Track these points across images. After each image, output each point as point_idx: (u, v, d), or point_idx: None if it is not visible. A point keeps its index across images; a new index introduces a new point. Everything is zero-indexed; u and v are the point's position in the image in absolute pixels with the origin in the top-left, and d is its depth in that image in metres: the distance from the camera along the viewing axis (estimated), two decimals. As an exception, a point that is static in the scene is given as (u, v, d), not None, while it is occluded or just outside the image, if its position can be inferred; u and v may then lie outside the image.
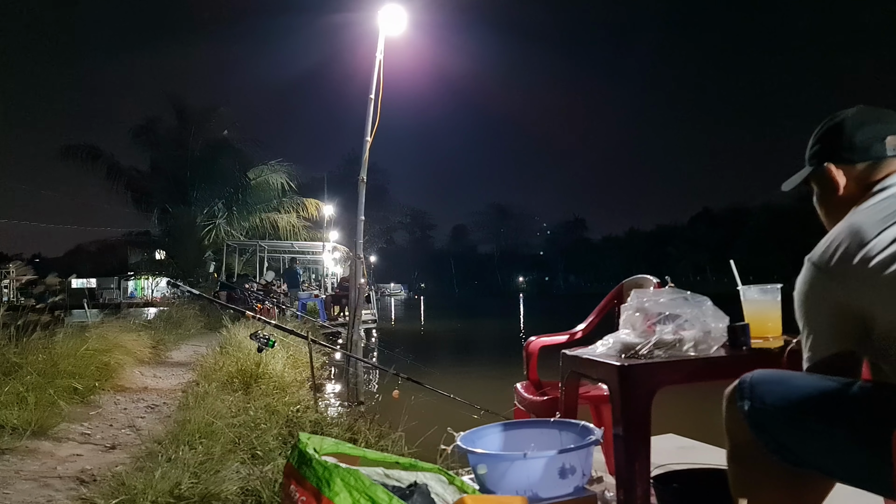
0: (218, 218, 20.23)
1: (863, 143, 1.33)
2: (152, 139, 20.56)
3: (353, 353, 5.92)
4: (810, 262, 1.24)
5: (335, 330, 11.40)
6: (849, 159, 1.35)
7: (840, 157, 1.36)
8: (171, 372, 6.64)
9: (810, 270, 1.23)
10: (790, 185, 1.50)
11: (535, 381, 2.84)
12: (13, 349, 4.72)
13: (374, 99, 6.03)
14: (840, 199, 1.35)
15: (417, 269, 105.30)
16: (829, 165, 1.37)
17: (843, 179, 1.35)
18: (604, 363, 1.70)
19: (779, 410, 1.16)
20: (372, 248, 48.04)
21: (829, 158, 1.37)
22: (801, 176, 1.46)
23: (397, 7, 6.08)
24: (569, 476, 1.75)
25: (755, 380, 1.22)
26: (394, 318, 32.83)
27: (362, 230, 6.32)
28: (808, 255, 1.25)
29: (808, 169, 1.44)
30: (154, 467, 2.64)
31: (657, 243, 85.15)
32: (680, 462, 2.27)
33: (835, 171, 1.36)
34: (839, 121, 1.38)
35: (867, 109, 1.37)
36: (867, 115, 1.36)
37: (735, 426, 1.24)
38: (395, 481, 1.77)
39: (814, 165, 1.42)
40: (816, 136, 1.43)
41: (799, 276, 1.26)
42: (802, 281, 1.25)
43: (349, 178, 27.30)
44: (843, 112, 1.39)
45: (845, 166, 1.35)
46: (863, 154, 1.33)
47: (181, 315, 11.76)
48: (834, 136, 1.38)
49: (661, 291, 1.89)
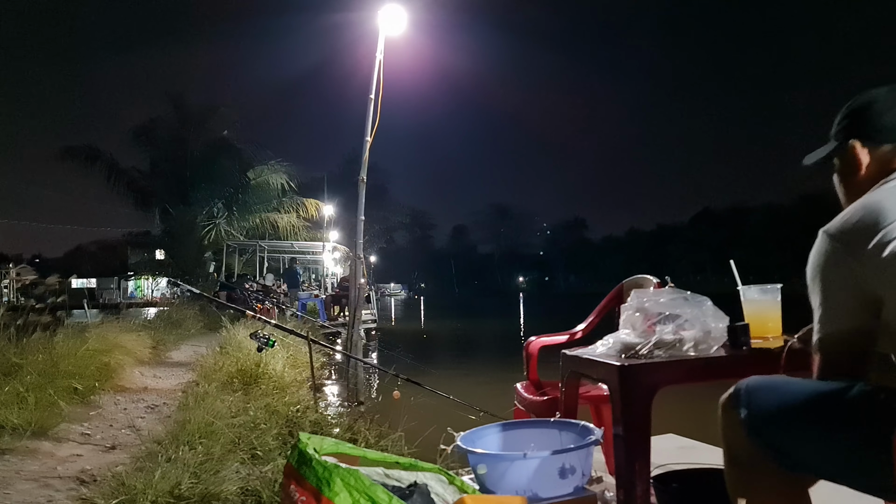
0: (218, 218, 20.21)
1: (891, 125, 1.30)
2: (152, 139, 20.55)
3: (353, 353, 5.93)
4: (826, 234, 1.20)
5: (335, 330, 11.40)
6: (875, 139, 1.32)
7: (866, 135, 1.33)
8: (171, 372, 6.64)
9: (826, 242, 1.20)
10: (812, 158, 1.46)
11: (535, 381, 2.84)
12: (13, 349, 4.72)
13: (374, 99, 6.03)
14: (861, 178, 1.32)
15: (417, 269, 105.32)
16: (854, 143, 1.34)
17: (867, 159, 1.32)
18: (604, 363, 1.70)
19: (776, 416, 1.16)
20: (372, 248, 47.93)
21: (855, 136, 1.34)
22: (825, 151, 1.42)
23: (397, 7, 6.08)
24: (569, 476, 1.75)
25: (751, 387, 1.22)
26: (394, 318, 32.81)
27: (362, 230, 6.32)
28: (823, 228, 1.22)
29: (833, 144, 1.40)
30: (154, 467, 2.64)
31: (657, 243, 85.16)
32: (680, 462, 2.27)
33: (859, 149, 1.33)
34: (870, 99, 1.35)
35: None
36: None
37: (732, 433, 1.23)
38: (395, 481, 1.77)
39: (839, 141, 1.38)
40: (845, 112, 1.39)
41: (813, 248, 1.22)
42: (817, 253, 1.21)
43: (349, 178, 27.28)
44: (875, 90, 1.35)
45: (870, 146, 1.32)
46: (889, 135, 1.30)
47: (181, 315, 11.76)
48: (862, 113, 1.35)
49: (662, 291, 1.89)
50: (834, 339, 1.18)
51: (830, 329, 1.18)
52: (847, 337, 1.17)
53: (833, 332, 1.18)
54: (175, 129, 20.53)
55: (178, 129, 20.45)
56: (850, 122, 1.37)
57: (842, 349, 1.17)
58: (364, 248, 6.72)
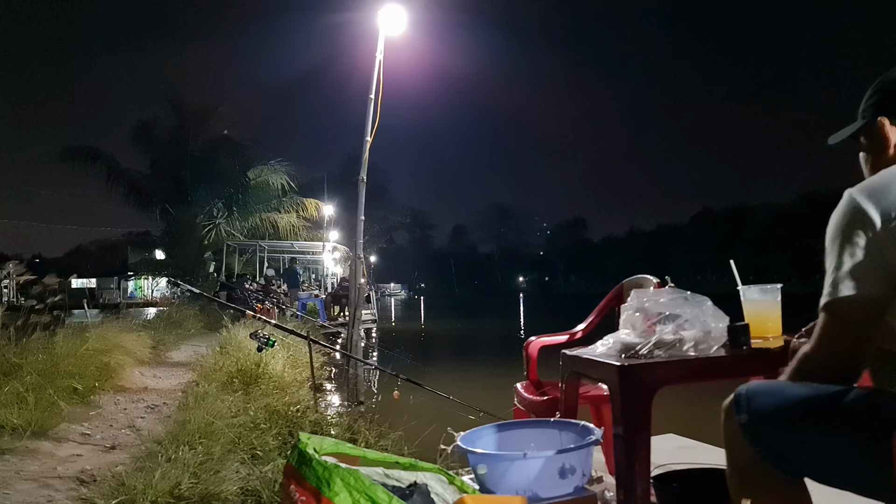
0: (218, 218, 20.22)
1: None
2: (152, 139, 20.53)
3: (353, 354, 5.92)
4: (851, 195, 1.15)
5: (335, 330, 11.40)
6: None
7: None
8: (171, 372, 6.64)
9: (852, 202, 1.15)
10: (838, 137, 1.41)
11: (535, 381, 2.84)
12: (13, 349, 4.72)
13: (374, 99, 6.03)
14: (889, 157, 1.28)
15: (417, 269, 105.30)
16: (882, 120, 1.29)
17: (895, 137, 1.28)
18: (604, 363, 1.70)
19: (775, 421, 1.16)
20: (372, 248, 47.99)
21: (885, 113, 1.29)
22: (853, 128, 1.37)
23: (397, 7, 6.08)
24: (569, 476, 1.75)
25: (751, 391, 1.21)
26: (394, 318, 32.82)
27: (362, 230, 6.32)
28: (849, 189, 1.17)
29: (861, 122, 1.34)
30: (154, 467, 2.64)
31: (657, 243, 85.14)
32: (680, 462, 2.27)
33: (888, 126, 1.28)
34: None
35: None
36: None
37: (733, 438, 1.23)
38: (395, 481, 1.77)
39: (866, 119, 1.33)
40: (875, 88, 1.34)
41: (837, 208, 1.17)
42: (841, 213, 1.16)
43: (349, 178, 27.27)
44: None
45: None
46: None
47: (181, 315, 11.77)
48: (894, 90, 1.30)
49: (662, 291, 1.89)
50: (845, 305, 1.13)
51: (841, 295, 1.13)
52: (862, 301, 1.12)
53: (844, 300, 1.13)
54: (175, 128, 20.52)
55: (177, 128, 20.44)
56: (881, 99, 1.32)
57: (853, 315, 1.13)
58: (364, 248, 6.72)
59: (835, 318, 1.15)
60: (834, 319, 1.15)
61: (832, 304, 1.15)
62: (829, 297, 1.15)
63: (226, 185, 20.14)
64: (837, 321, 1.15)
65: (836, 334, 1.16)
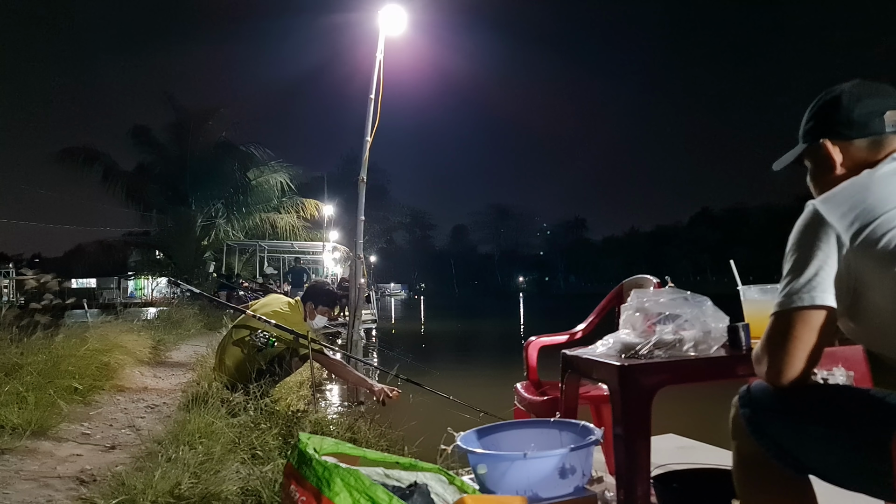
0: (217, 218, 20.23)
1: (861, 119, 1.26)
2: (152, 140, 20.56)
3: (353, 354, 5.92)
4: (815, 206, 1.17)
5: (335, 330, 11.39)
6: (846, 135, 1.28)
7: (837, 132, 1.29)
8: (171, 372, 6.64)
9: (814, 213, 1.17)
10: (782, 163, 1.43)
11: (535, 381, 2.84)
12: (13, 349, 4.72)
13: (374, 99, 6.03)
14: (836, 176, 1.28)
15: (417, 269, 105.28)
16: (825, 142, 1.30)
17: (840, 157, 1.29)
18: (604, 363, 1.70)
19: (779, 416, 1.16)
20: (372, 248, 48.05)
21: (826, 134, 1.30)
22: (795, 153, 1.39)
23: (397, 7, 6.09)
24: (569, 476, 1.75)
25: (755, 387, 1.22)
26: (394, 318, 32.81)
27: (362, 230, 6.32)
28: (811, 201, 1.19)
29: (803, 146, 1.37)
30: (154, 467, 2.64)
31: (657, 243, 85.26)
32: (680, 462, 2.27)
33: (831, 147, 1.29)
34: (836, 94, 1.31)
35: (865, 83, 1.30)
36: (865, 89, 1.29)
37: (740, 434, 1.23)
38: (395, 481, 1.77)
39: (808, 142, 1.35)
40: (812, 111, 1.36)
41: (799, 219, 1.20)
42: (802, 222, 1.19)
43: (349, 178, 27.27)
44: (840, 86, 1.31)
45: (842, 142, 1.28)
46: (861, 130, 1.26)
47: (181, 315, 11.74)
48: (831, 110, 1.31)
49: (661, 291, 1.88)
50: (796, 314, 1.13)
51: (794, 304, 1.13)
52: (810, 313, 1.13)
53: (796, 309, 1.13)
54: (175, 129, 20.54)
55: (177, 129, 20.45)
56: (819, 121, 1.34)
57: (794, 328, 1.13)
58: (364, 249, 6.72)
59: (787, 323, 1.15)
60: (786, 326, 1.15)
61: (781, 315, 1.16)
62: (780, 307, 1.16)
63: (226, 185, 20.17)
64: (790, 328, 1.15)
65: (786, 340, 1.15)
